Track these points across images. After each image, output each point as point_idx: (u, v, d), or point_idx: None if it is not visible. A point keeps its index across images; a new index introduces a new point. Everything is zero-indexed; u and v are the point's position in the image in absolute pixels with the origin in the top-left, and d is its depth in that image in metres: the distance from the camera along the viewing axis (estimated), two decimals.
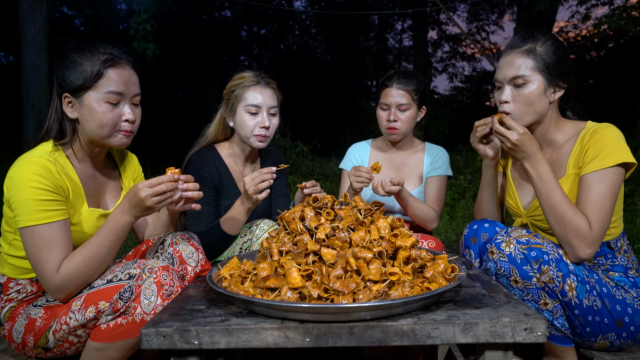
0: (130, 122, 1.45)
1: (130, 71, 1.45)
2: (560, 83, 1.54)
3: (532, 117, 1.56)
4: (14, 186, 1.31)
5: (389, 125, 2.11)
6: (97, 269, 1.34)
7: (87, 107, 1.39)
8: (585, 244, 1.39)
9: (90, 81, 1.38)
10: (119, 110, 1.42)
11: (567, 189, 1.53)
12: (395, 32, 21.38)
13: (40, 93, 7.00)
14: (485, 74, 21.18)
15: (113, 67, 1.40)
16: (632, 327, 1.44)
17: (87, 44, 1.43)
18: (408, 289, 1.11)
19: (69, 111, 1.42)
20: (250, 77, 1.95)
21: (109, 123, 1.40)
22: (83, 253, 1.32)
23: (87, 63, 1.39)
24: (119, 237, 1.36)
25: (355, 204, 1.35)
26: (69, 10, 17.68)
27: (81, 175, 1.47)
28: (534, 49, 1.54)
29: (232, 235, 1.82)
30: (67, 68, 1.40)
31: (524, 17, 10.02)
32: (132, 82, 1.45)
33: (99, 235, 1.35)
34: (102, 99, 1.39)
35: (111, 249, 1.36)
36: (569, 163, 1.54)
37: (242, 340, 1.02)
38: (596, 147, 1.45)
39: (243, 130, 1.93)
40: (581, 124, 1.59)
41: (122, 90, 1.41)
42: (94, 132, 1.41)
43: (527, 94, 1.53)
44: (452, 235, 4.58)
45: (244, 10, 18.92)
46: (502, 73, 1.58)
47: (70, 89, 1.39)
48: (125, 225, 1.35)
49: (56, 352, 1.38)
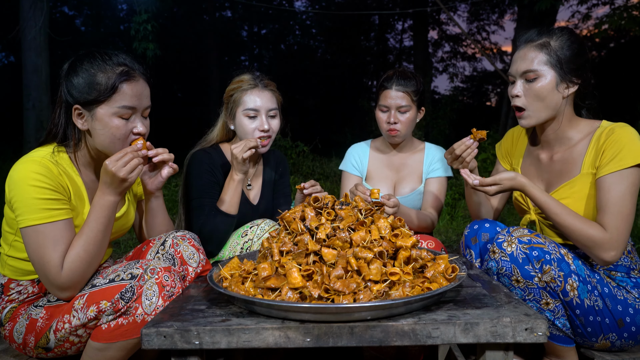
0: (141, 135, 1.45)
1: (143, 84, 1.44)
2: (574, 79, 1.53)
3: (544, 112, 1.55)
4: (15, 185, 1.31)
5: (389, 127, 2.10)
6: (97, 254, 1.36)
7: (100, 121, 1.38)
8: (604, 249, 1.39)
9: (104, 95, 1.36)
10: (131, 124, 1.42)
11: (581, 187, 1.52)
12: (396, 32, 21.38)
13: (41, 93, 7.00)
14: (485, 74, 21.16)
15: (128, 81, 1.39)
16: (634, 328, 1.43)
17: (100, 52, 1.41)
18: (409, 289, 1.11)
19: (79, 123, 1.41)
20: (248, 81, 1.95)
21: (121, 138, 1.41)
22: (81, 242, 1.33)
23: (101, 75, 1.37)
24: (109, 218, 1.38)
25: (355, 204, 1.35)
26: (70, 10, 17.70)
27: (84, 178, 1.48)
28: (547, 44, 1.52)
29: (232, 215, 1.84)
30: (80, 78, 1.37)
31: (524, 17, 10.02)
32: (144, 95, 1.44)
33: (90, 222, 1.36)
34: (115, 113, 1.38)
35: (105, 232, 1.38)
36: (585, 162, 1.53)
37: (242, 340, 1.02)
38: (614, 148, 1.44)
39: (243, 134, 1.94)
40: (596, 123, 1.57)
41: (135, 105, 1.41)
42: (104, 146, 1.42)
43: (539, 89, 1.52)
44: (452, 235, 4.58)
45: (245, 10, 18.93)
46: (515, 67, 1.57)
47: (82, 102, 1.38)
48: (111, 204, 1.38)
49: (57, 352, 1.38)
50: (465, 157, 1.65)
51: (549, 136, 1.62)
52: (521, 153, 1.77)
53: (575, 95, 1.58)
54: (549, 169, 1.64)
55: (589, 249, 1.42)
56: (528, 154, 1.75)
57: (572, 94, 1.55)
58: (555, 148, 1.63)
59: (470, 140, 1.65)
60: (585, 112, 1.64)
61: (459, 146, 1.65)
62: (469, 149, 1.65)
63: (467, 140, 1.66)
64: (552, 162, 1.63)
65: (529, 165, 1.73)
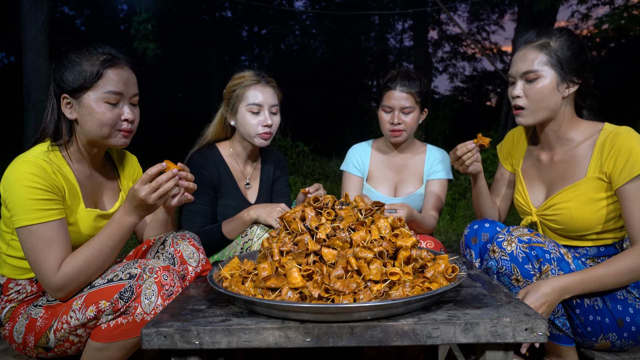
0: (130, 122, 1.45)
1: (129, 71, 1.46)
2: (574, 79, 1.53)
3: (544, 113, 1.55)
4: (9, 186, 1.32)
5: (392, 128, 2.10)
6: (99, 268, 1.35)
7: (87, 107, 1.39)
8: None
9: (89, 81, 1.38)
10: (118, 110, 1.43)
11: (586, 191, 1.51)
12: (396, 32, 21.39)
13: (41, 93, 7.01)
14: (485, 74, 21.16)
15: (112, 67, 1.41)
16: (634, 327, 1.43)
17: (85, 44, 1.43)
18: (409, 289, 1.11)
19: (68, 112, 1.42)
20: (251, 76, 1.95)
21: (108, 123, 1.41)
22: (85, 252, 1.33)
23: (86, 63, 1.39)
24: (122, 237, 1.37)
25: (355, 204, 1.35)
26: (70, 10, 17.69)
27: (78, 176, 1.48)
28: (547, 44, 1.52)
29: (230, 240, 1.85)
30: (66, 69, 1.40)
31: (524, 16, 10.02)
32: (131, 82, 1.45)
33: (102, 235, 1.35)
34: (102, 98, 1.39)
35: (114, 249, 1.36)
36: (590, 166, 1.52)
37: (242, 340, 1.02)
38: (623, 155, 1.42)
39: (245, 129, 1.93)
40: (598, 125, 1.56)
41: (121, 90, 1.42)
42: (94, 132, 1.42)
43: (539, 89, 1.52)
44: (452, 235, 4.58)
45: (245, 11, 18.93)
46: (515, 68, 1.58)
47: (69, 90, 1.39)
48: (130, 225, 1.37)
49: (57, 352, 1.38)
50: (465, 160, 1.68)
51: (549, 137, 1.62)
52: (522, 154, 1.77)
53: (575, 95, 1.57)
54: (550, 170, 1.64)
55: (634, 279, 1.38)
56: (528, 155, 1.75)
57: (572, 94, 1.55)
58: (556, 149, 1.63)
59: (473, 144, 1.66)
60: (586, 112, 1.64)
61: (461, 148, 1.68)
62: (469, 153, 1.67)
63: (469, 143, 1.67)
64: (553, 163, 1.63)
65: (530, 166, 1.72)
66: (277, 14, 19.00)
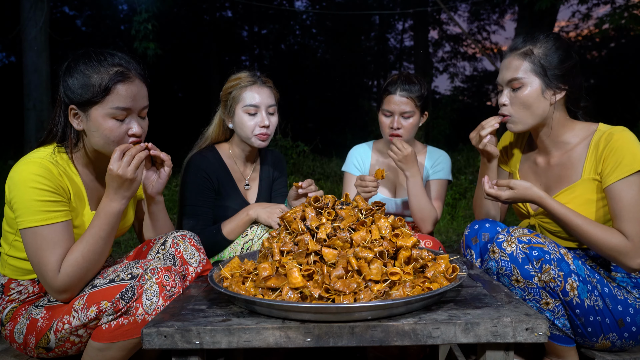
0: (136, 137, 1.44)
1: (139, 84, 1.43)
2: (561, 85, 1.52)
3: (531, 120, 1.55)
4: (15, 187, 1.31)
5: (392, 132, 2.10)
6: (97, 261, 1.35)
7: (94, 121, 1.38)
8: (630, 257, 1.38)
9: (97, 96, 1.36)
10: (125, 126, 1.41)
11: (582, 192, 1.51)
12: (396, 32, 21.40)
13: (42, 93, 7.01)
14: (486, 74, 21.17)
15: (122, 82, 1.38)
16: (634, 328, 1.43)
17: (96, 52, 1.40)
18: (409, 289, 1.11)
19: (75, 123, 1.41)
20: (247, 77, 1.95)
21: (115, 140, 1.40)
22: (80, 248, 1.33)
23: (95, 76, 1.36)
24: (112, 226, 1.37)
25: (356, 204, 1.36)
26: (71, 10, 17.71)
27: (84, 178, 1.47)
28: (531, 52, 1.53)
29: (230, 240, 1.85)
30: (75, 79, 1.37)
31: (525, 16, 10.02)
32: (140, 95, 1.43)
33: (93, 228, 1.35)
34: (109, 114, 1.38)
35: (107, 240, 1.37)
36: (585, 168, 1.52)
37: (243, 340, 1.02)
38: (617, 155, 1.43)
39: (243, 130, 1.93)
40: (592, 126, 1.56)
41: (129, 105, 1.40)
42: (100, 146, 1.41)
43: (524, 97, 1.52)
44: (453, 235, 4.58)
45: (245, 11, 18.93)
46: (501, 75, 1.58)
47: (77, 102, 1.38)
48: (116, 212, 1.37)
49: (57, 352, 1.38)
50: (484, 125, 1.64)
51: (543, 141, 1.62)
52: (518, 157, 1.78)
53: (565, 100, 1.57)
54: (547, 173, 1.64)
55: (614, 258, 1.40)
56: (525, 159, 1.75)
57: (561, 100, 1.55)
58: (552, 152, 1.62)
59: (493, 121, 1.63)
60: (581, 114, 1.64)
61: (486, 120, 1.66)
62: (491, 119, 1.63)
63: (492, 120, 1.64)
64: (550, 166, 1.63)
65: (527, 169, 1.73)
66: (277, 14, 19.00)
